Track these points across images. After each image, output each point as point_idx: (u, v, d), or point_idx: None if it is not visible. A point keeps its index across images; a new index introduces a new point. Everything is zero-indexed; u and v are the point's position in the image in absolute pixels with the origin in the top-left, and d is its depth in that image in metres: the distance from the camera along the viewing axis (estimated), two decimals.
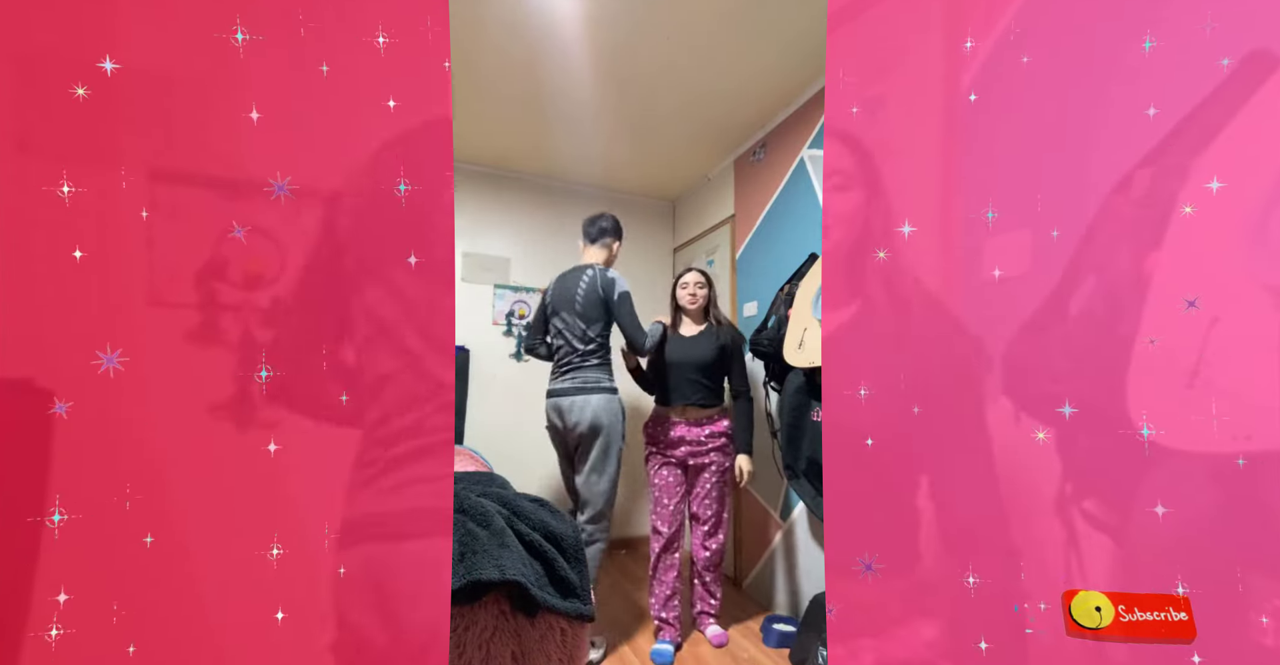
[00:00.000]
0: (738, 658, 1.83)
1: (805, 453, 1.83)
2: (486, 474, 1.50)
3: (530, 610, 0.96)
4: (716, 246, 2.86)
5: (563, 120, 2.39)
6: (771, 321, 1.98)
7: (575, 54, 1.93)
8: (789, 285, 2.00)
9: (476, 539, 0.94)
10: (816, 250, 2.02)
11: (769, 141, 2.40)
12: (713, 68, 2.01)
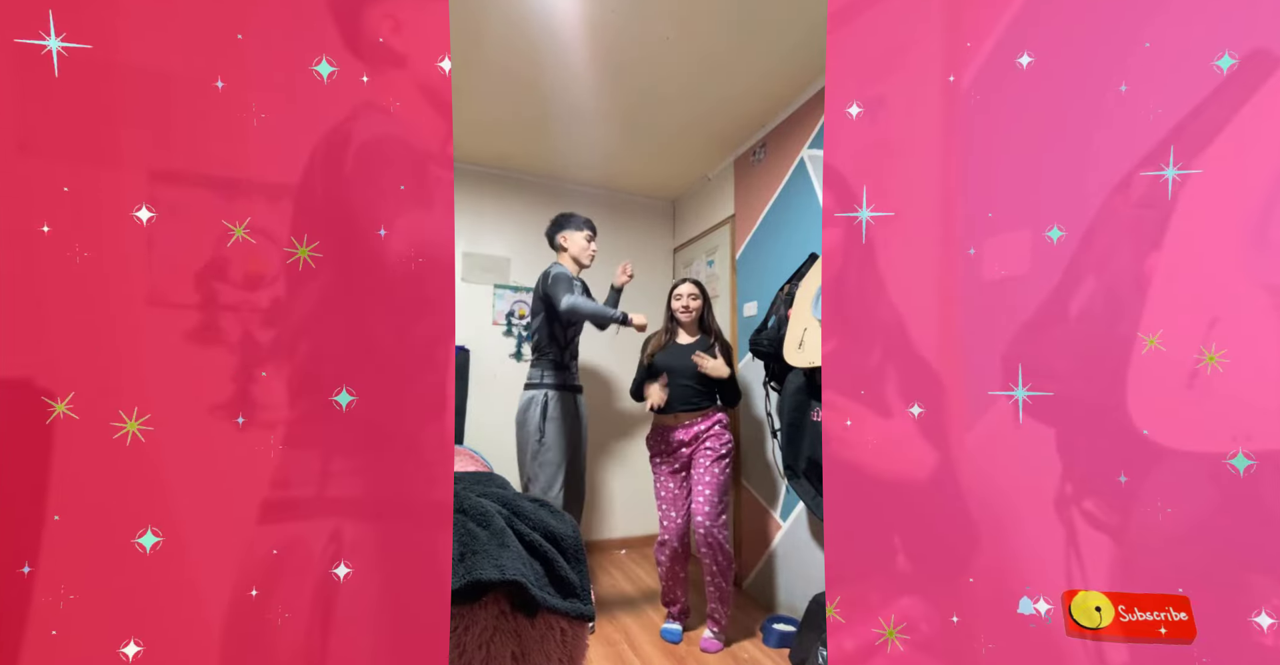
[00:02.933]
0: (738, 658, 1.83)
1: (805, 453, 1.83)
2: (486, 474, 1.50)
3: (530, 610, 0.96)
4: (716, 246, 2.86)
5: (563, 120, 2.39)
6: (771, 321, 1.98)
7: (575, 54, 1.93)
8: (789, 285, 2.00)
9: (476, 539, 0.94)
10: (816, 250, 2.02)
11: (769, 141, 2.40)
12: (713, 68, 2.01)
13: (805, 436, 1.83)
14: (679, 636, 1.94)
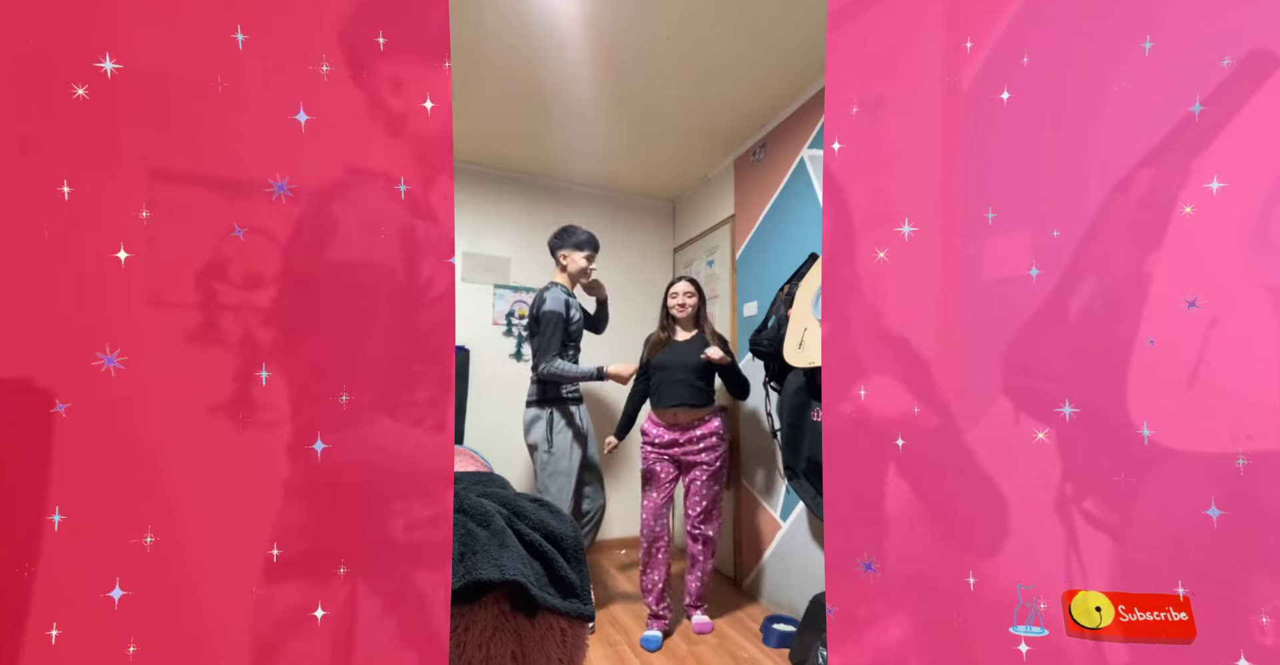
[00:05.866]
0: (738, 658, 1.83)
1: (805, 453, 1.83)
2: (486, 474, 1.50)
3: (530, 610, 0.96)
4: (716, 246, 2.86)
5: (563, 120, 2.39)
6: (771, 321, 1.98)
7: (575, 54, 1.93)
8: (789, 285, 2.00)
9: (476, 539, 0.94)
10: (816, 250, 2.02)
11: (769, 141, 2.40)
12: (713, 68, 2.01)
13: (805, 437, 1.83)
14: (658, 644, 1.89)
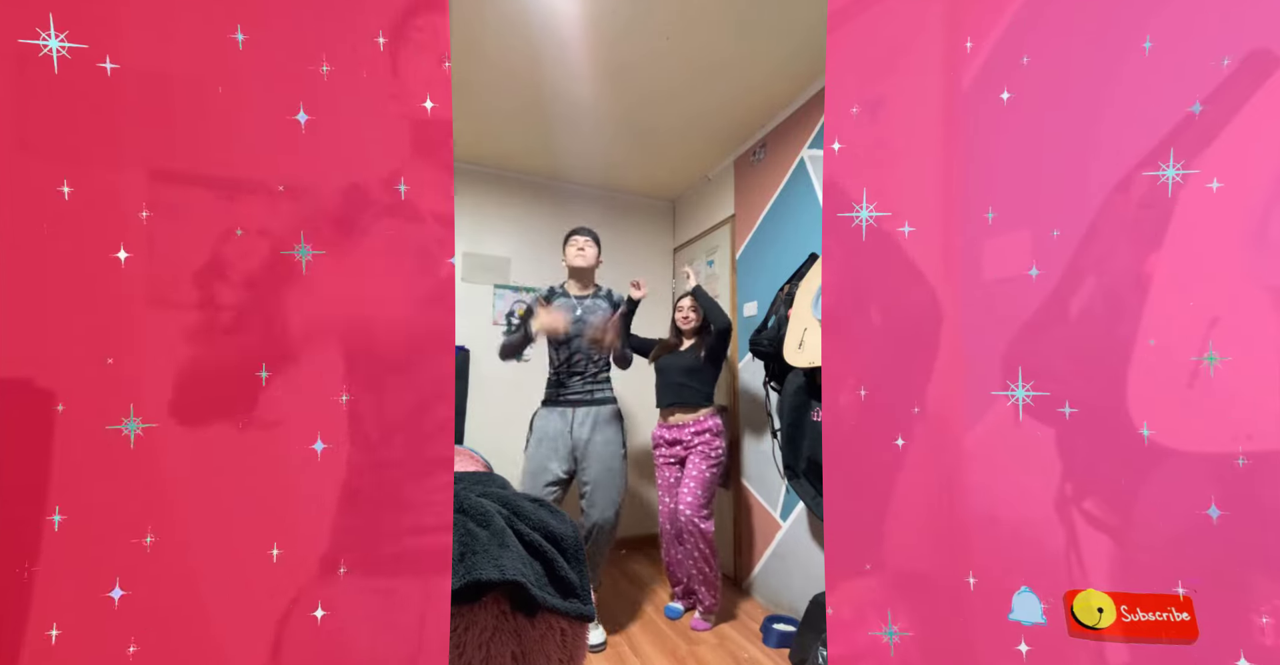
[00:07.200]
0: (738, 658, 1.83)
1: (805, 453, 1.83)
2: (486, 474, 1.50)
3: (530, 610, 0.95)
4: (716, 246, 2.86)
5: (563, 120, 2.39)
6: (771, 321, 1.98)
7: (575, 53, 1.93)
8: (789, 285, 2.00)
9: (476, 539, 0.93)
10: (816, 250, 2.02)
11: (769, 141, 2.40)
12: (713, 67, 2.00)
13: (805, 437, 1.83)
14: (679, 613, 2.17)
